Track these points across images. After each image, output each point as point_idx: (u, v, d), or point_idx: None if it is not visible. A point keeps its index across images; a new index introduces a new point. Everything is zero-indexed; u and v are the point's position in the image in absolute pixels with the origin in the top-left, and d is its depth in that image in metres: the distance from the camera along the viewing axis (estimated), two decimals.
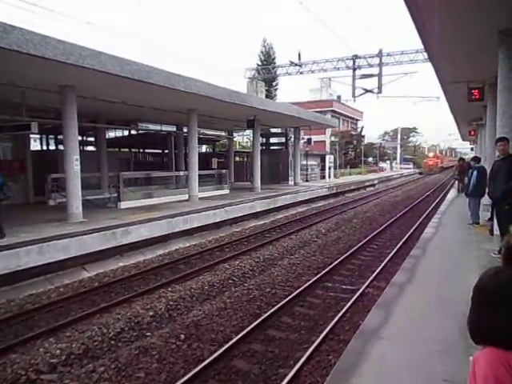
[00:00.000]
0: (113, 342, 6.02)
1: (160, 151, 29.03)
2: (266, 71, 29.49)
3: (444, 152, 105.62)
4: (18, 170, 17.02)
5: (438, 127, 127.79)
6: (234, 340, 5.82)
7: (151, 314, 7.03)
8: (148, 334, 6.34)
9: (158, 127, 24.96)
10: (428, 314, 4.88)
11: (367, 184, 35.50)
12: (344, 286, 8.50)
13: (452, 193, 21.82)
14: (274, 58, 43.35)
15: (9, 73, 9.83)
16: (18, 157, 17.28)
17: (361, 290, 7.88)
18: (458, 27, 8.09)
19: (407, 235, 13.02)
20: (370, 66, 24.10)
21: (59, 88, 11.23)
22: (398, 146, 73.12)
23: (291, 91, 79.75)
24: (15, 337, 6.28)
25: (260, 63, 40.56)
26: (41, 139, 24.39)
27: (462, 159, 21.55)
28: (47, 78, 10.52)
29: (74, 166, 11.63)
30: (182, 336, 6.10)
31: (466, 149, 77.23)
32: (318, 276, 8.91)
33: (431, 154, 70.43)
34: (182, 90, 12.41)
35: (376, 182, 38.00)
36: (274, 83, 42.73)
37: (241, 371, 5.16)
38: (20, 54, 7.90)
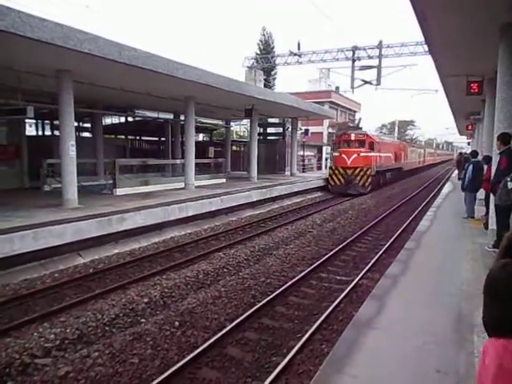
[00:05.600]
0: (107, 328, 6.04)
1: (157, 139, 28.88)
2: (265, 60, 29.24)
3: (441, 146, 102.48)
4: (13, 155, 16.90)
5: (435, 121, 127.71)
6: (228, 328, 5.86)
7: (146, 300, 7.05)
8: (142, 320, 6.36)
9: (155, 114, 24.80)
10: (421, 305, 4.92)
11: None
12: (338, 277, 8.55)
13: (447, 187, 21.92)
14: (273, 47, 43.00)
15: (4, 56, 9.69)
16: (14, 142, 17.15)
17: (355, 281, 7.93)
18: (460, 21, 8.05)
19: (402, 228, 13.08)
20: (370, 57, 23.97)
21: (56, 72, 11.10)
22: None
23: (290, 81, 79.44)
24: (10, 321, 6.28)
25: (259, 52, 40.25)
26: (36, 124, 24.19)
27: (461, 154, 24.10)
28: (44, 62, 10.39)
29: (70, 151, 11.55)
30: (177, 323, 6.13)
31: (462, 143, 77.11)
32: (313, 266, 8.95)
33: (353, 136, 24.86)
34: (180, 77, 12.30)
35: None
36: (272, 72, 42.43)
37: (234, 359, 5.20)
38: (17, 36, 7.78)
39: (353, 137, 24.55)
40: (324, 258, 9.61)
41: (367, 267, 8.89)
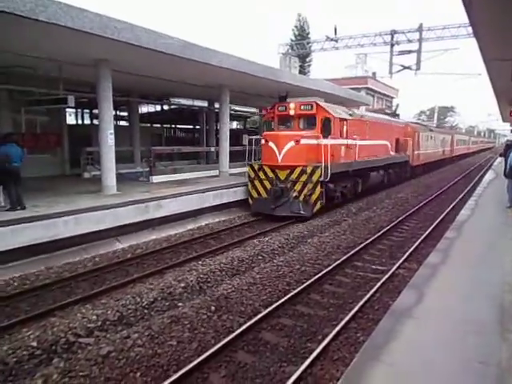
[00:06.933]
0: (146, 311, 6.23)
1: (191, 127, 29.18)
2: (301, 46, 28.87)
3: (483, 133, 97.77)
4: (54, 144, 17.50)
5: (477, 107, 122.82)
6: (263, 313, 5.91)
7: (183, 285, 7.19)
8: (180, 304, 6.51)
9: (189, 102, 25.02)
10: (462, 295, 4.79)
11: None
12: (374, 266, 8.44)
13: (489, 174, 21.14)
14: (308, 33, 42.29)
15: (47, 47, 9.97)
16: (55, 130, 17.73)
17: (391, 271, 7.80)
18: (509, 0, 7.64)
19: (441, 217, 12.74)
20: (409, 41, 23.23)
21: (94, 62, 11.34)
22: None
23: (325, 68, 78.22)
24: (54, 302, 6.59)
25: (294, 38, 39.71)
26: (76, 113, 24.89)
27: (508, 140, 23.42)
28: (83, 52, 10.62)
29: (109, 140, 11.84)
30: (213, 308, 6.24)
31: (505, 130, 73.61)
32: (348, 255, 8.87)
33: (292, 109, 13.57)
34: (215, 65, 12.32)
35: None
36: (307, 59, 41.85)
37: (269, 343, 5.26)
38: (58, 27, 7.99)
39: (292, 109, 13.60)
40: (359, 247, 9.50)
41: (404, 256, 8.73)
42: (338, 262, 8.38)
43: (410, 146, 22.95)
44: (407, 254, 8.93)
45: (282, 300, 6.40)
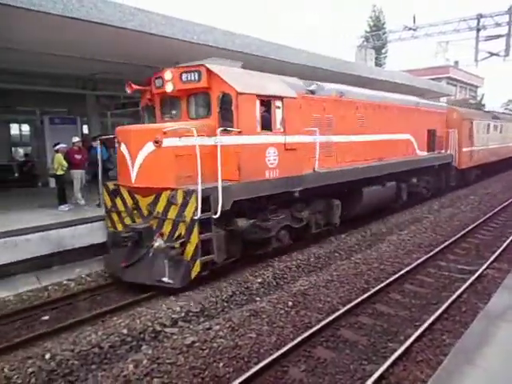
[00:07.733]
0: (226, 304, 6.44)
1: None
2: (376, 38, 27.81)
3: None
4: None
5: None
6: (342, 311, 5.85)
7: (259, 280, 7.32)
8: (257, 298, 6.65)
9: None
10: None
11: None
12: (459, 266, 7.99)
13: None
14: (383, 24, 40.73)
15: (130, 52, 10.58)
16: None
17: (479, 271, 7.33)
18: None
19: None
20: (498, 25, 21.44)
21: (174, 65, 11.81)
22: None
23: (403, 58, 74.82)
24: (141, 292, 7.00)
25: (369, 30, 38.45)
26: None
27: None
28: (165, 56, 11.08)
29: None
30: (290, 303, 6.28)
31: None
32: (430, 254, 8.48)
33: (169, 81, 7.94)
34: (290, 61, 12.32)
35: None
36: (382, 50, 40.35)
37: (348, 341, 5.19)
38: (144, 34, 8.46)
39: (169, 83, 8.01)
40: (442, 245, 9.04)
41: (493, 256, 8.16)
42: (420, 260, 8.04)
43: (453, 141, 16.35)
44: (497, 253, 8.35)
45: (361, 298, 6.28)
